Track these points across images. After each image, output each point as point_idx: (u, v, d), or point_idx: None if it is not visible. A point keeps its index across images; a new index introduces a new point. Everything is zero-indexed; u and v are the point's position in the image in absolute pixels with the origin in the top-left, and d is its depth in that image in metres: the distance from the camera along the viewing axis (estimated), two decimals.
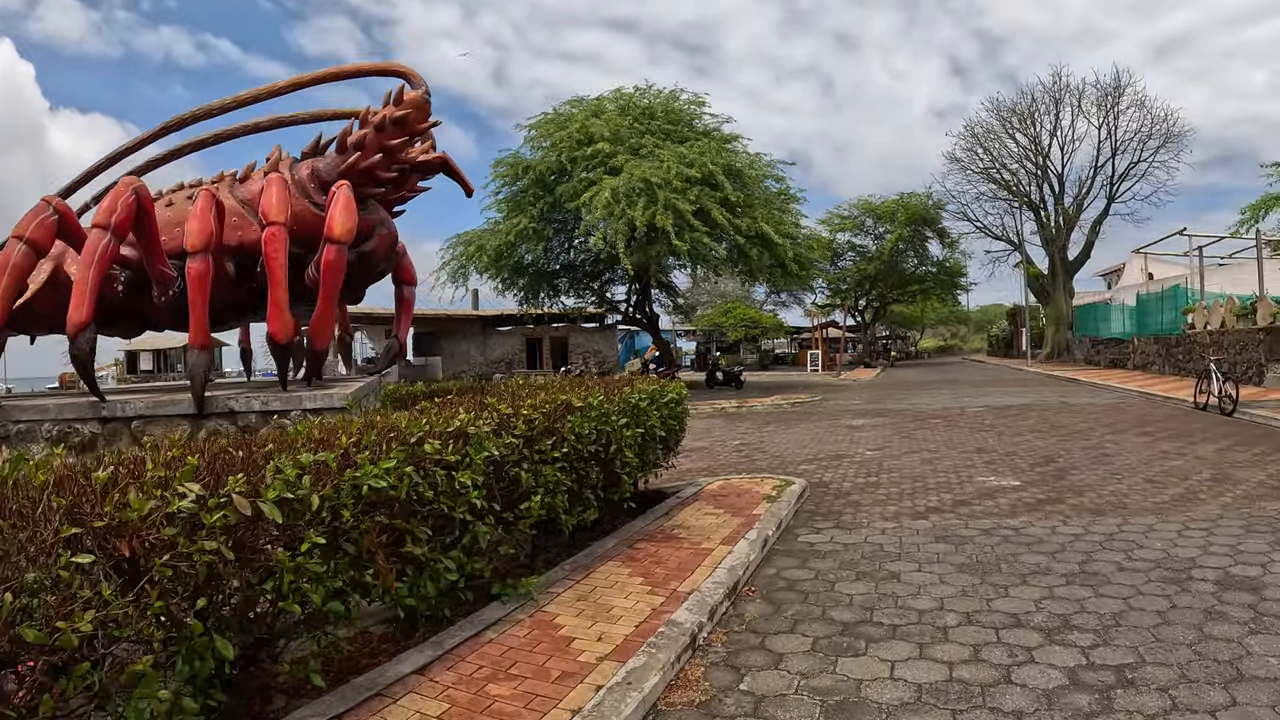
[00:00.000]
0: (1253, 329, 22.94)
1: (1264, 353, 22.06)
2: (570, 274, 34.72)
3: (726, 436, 15.36)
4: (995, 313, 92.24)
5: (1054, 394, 23.21)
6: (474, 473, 4.81)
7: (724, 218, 24.35)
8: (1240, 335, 23.57)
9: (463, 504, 4.74)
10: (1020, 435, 13.79)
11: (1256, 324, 23.06)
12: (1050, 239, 47.86)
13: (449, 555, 4.81)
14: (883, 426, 15.86)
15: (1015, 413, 17.82)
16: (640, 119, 28.61)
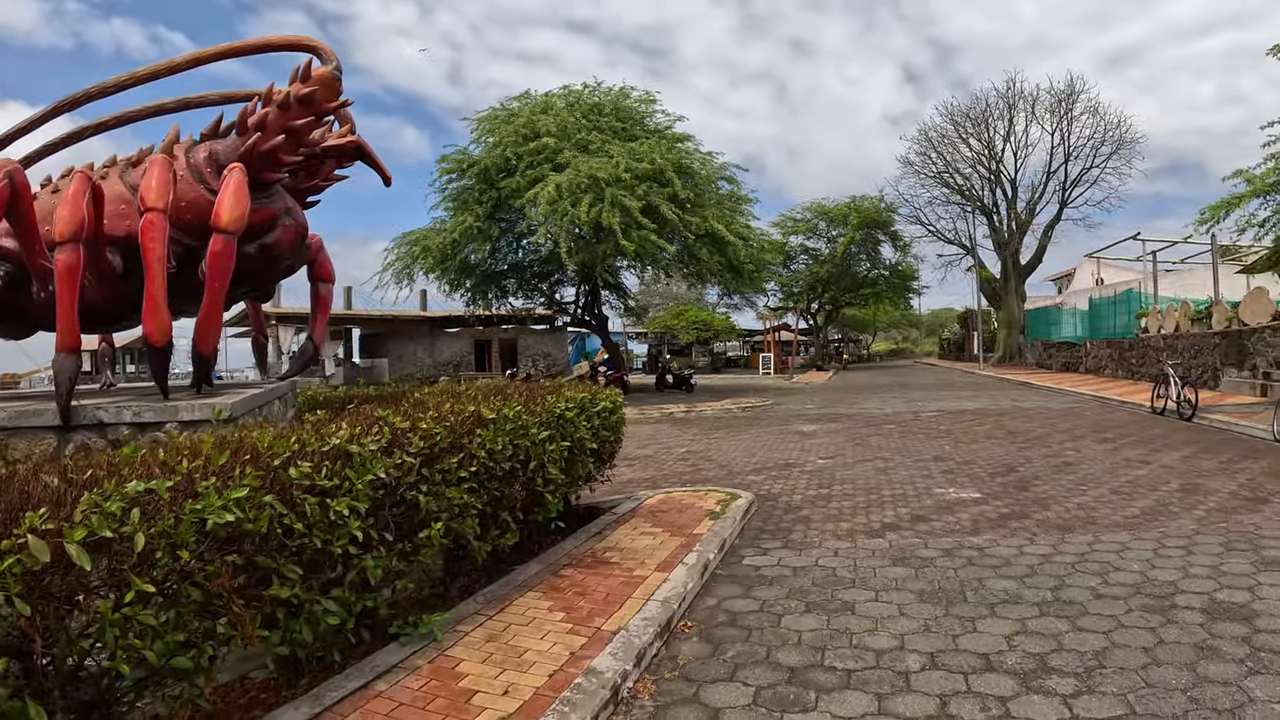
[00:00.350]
0: (1208, 333, 22.74)
1: (1219, 357, 21.86)
2: (518, 275, 33.81)
3: (673, 443, 14.65)
4: (946, 316, 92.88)
5: (1008, 398, 22.83)
6: (355, 500, 4.04)
7: (673, 214, 23.62)
8: (1195, 340, 23.37)
9: (342, 536, 3.96)
10: (977, 442, 13.23)
11: (1211, 329, 22.87)
12: (1003, 243, 47.92)
13: (330, 595, 4.05)
14: (835, 433, 15.25)
15: (970, 418, 17.33)
16: (589, 115, 27.83)
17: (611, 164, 23.68)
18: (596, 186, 23.16)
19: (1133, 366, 27.89)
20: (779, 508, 8.54)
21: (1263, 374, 19.83)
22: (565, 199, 22.87)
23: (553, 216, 22.91)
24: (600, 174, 23.21)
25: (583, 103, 28.40)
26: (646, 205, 23.47)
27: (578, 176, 23.32)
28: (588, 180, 23.28)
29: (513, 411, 5.75)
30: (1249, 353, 20.78)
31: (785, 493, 9.35)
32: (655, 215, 23.59)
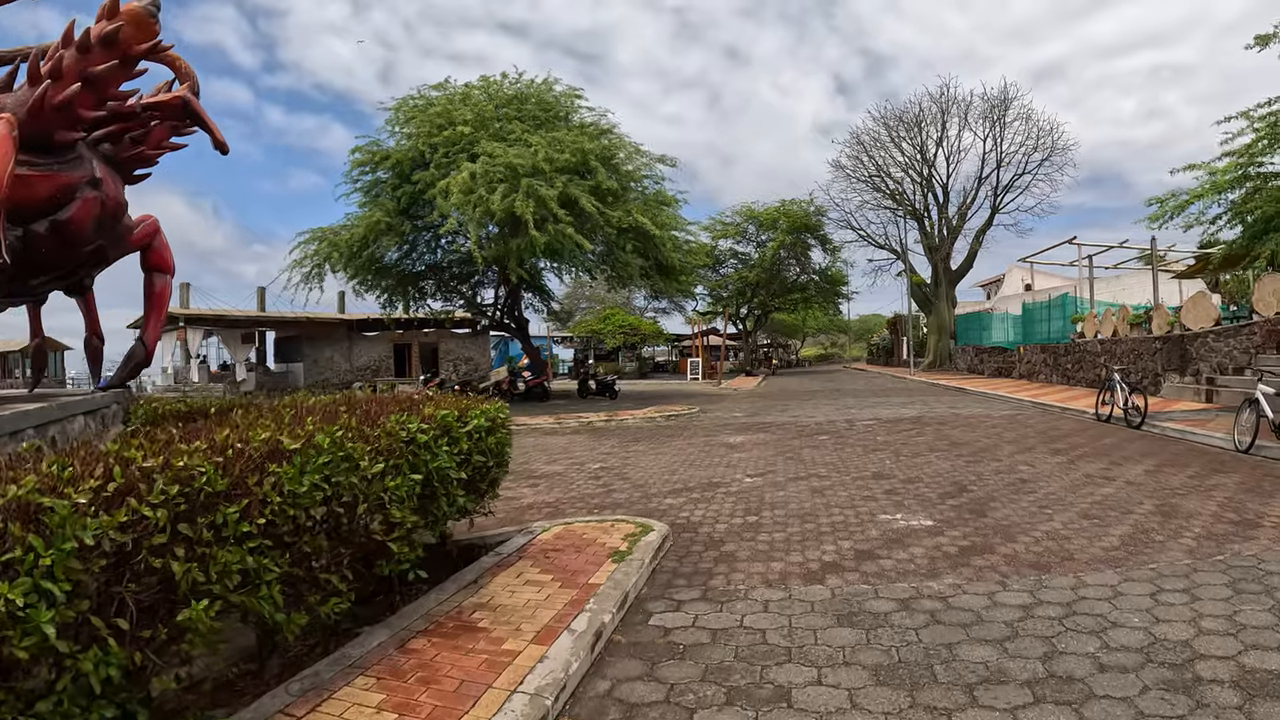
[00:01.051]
0: (1148, 338, 22.05)
1: (1160, 362, 21.14)
2: (437, 276, 32.11)
3: (587, 457, 13.21)
4: (875, 322, 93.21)
5: (943, 404, 21.85)
6: (52, 578, 2.56)
7: (593, 206, 22.15)
8: (1135, 344, 22.67)
9: (30, 636, 2.48)
10: (920, 455, 12.01)
11: (1151, 333, 22.18)
12: (934, 248, 47.40)
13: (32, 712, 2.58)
14: (765, 445, 13.93)
15: (909, 427, 16.19)
16: (510, 105, 26.29)
17: (529, 153, 22.20)
18: (513, 176, 21.68)
19: (1068, 371, 27.22)
20: (699, 542, 7.15)
21: (1206, 379, 19.11)
22: (479, 188, 21.35)
23: (465, 206, 21.35)
24: (518, 162, 21.73)
25: (502, 93, 26.85)
26: (565, 198, 22.03)
27: (493, 165, 21.82)
28: (504, 169, 21.78)
29: (330, 439, 4.24)
30: (1191, 358, 20.07)
31: (707, 521, 7.96)
32: (574, 209, 22.18)
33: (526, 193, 21.24)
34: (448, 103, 25.78)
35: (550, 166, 22.26)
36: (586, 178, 22.93)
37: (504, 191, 21.27)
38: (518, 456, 13.52)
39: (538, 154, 22.11)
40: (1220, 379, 18.63)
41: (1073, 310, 29.02)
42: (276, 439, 4.06)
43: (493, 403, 6.67)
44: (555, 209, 21.38)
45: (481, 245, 22.15)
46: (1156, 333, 21.93)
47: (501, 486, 10.41)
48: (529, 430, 18.23)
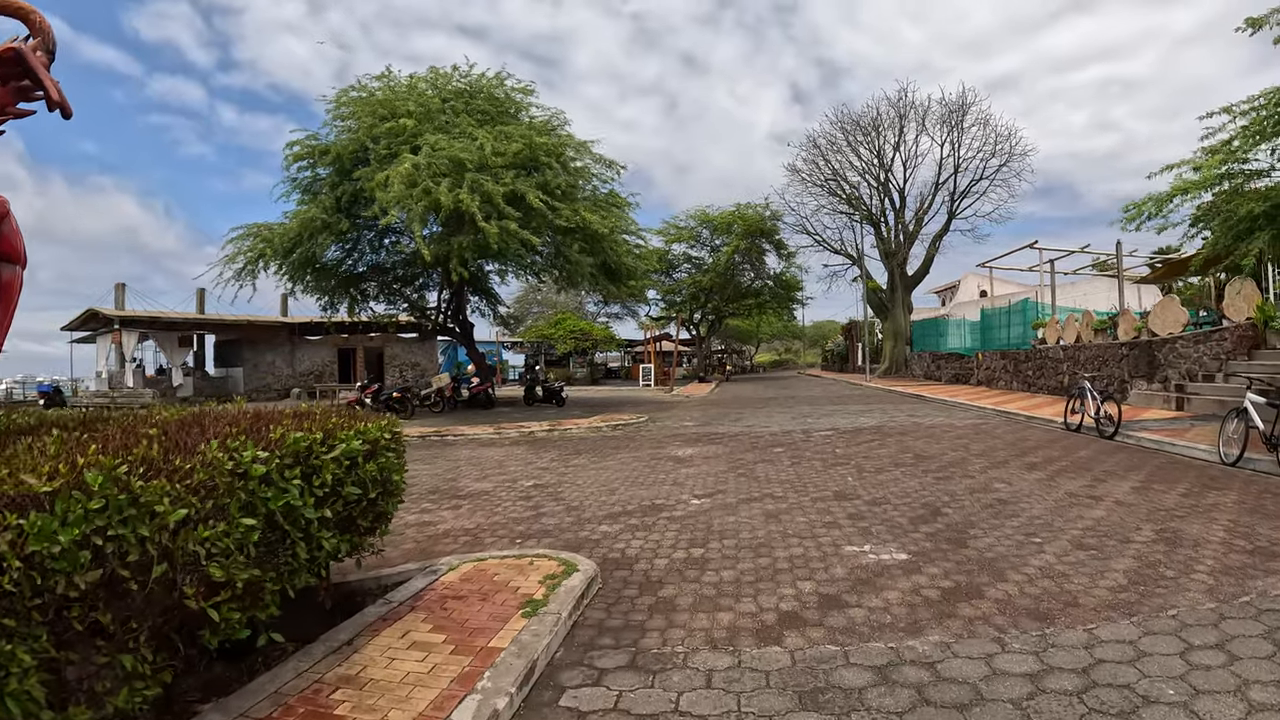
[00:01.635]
0: (1114, 344, 21.34)
1: (1127, 369, 20.42)
2: (380, 278, 30.66)
3: (521, 473, 12.01)
4: (829, 328, 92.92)
5: (903, 413, 20.94)
6: None
7: (540, 202, 20.95)
8: (1100, 351, 21.96)
9: None
10: (884, 471, 10.98)
11: (1118, 339, 21.47)
12: (890, 253, 46.72)
13: None
14: (715, 458, 12.83)
15: (869, 437, 15.21)
16: (458, 99, 25.00)
17: (475, 146, 20.99)
18: (458, 170, 20.45)
19: (1029, 379, 26.52)
20: (633, 583, 6.02)
21: (1175, 386, 18.39)
22: (421, 182, 20.09)
23: (406, 200, 20.07)
24: (463, 155, 20.51)
25: (451, 87, 25.52)
26: (512, 194, 20.85)
27: (436, 158, 20.57)
28: (448, 163, 20.54)
29: (107, 476, 3.03)
30: (1160, 364, 19.37)
31: (645, 555, 6.82)
32: (521, 205, 21.00)
33: (472, 187, 20.03)
34: (390, 94, 24.47)
35: (500, 161, 21.08)
36: (534, 174, 21.74)
37: (449, 185, 20.04)
38: (445, 473, 12.37)
39: (484, 148, 20.90)
40: (1190, 386, 17.94)
41: (1034, 316, 28.37)
42: (20, 478, 2.87)
43: (380, 420, 5.50)
44: (502, 205, 20.19)
45: (422, 239, 20.87)
46: (1123, 338, 21.24)
47: (421, 509, 9.33)
48: (465, 441, 17.01)
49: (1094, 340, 22.80)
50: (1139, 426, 14.71)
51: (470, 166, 20.57)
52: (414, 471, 12.33)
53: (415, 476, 11.89)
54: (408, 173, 20.03)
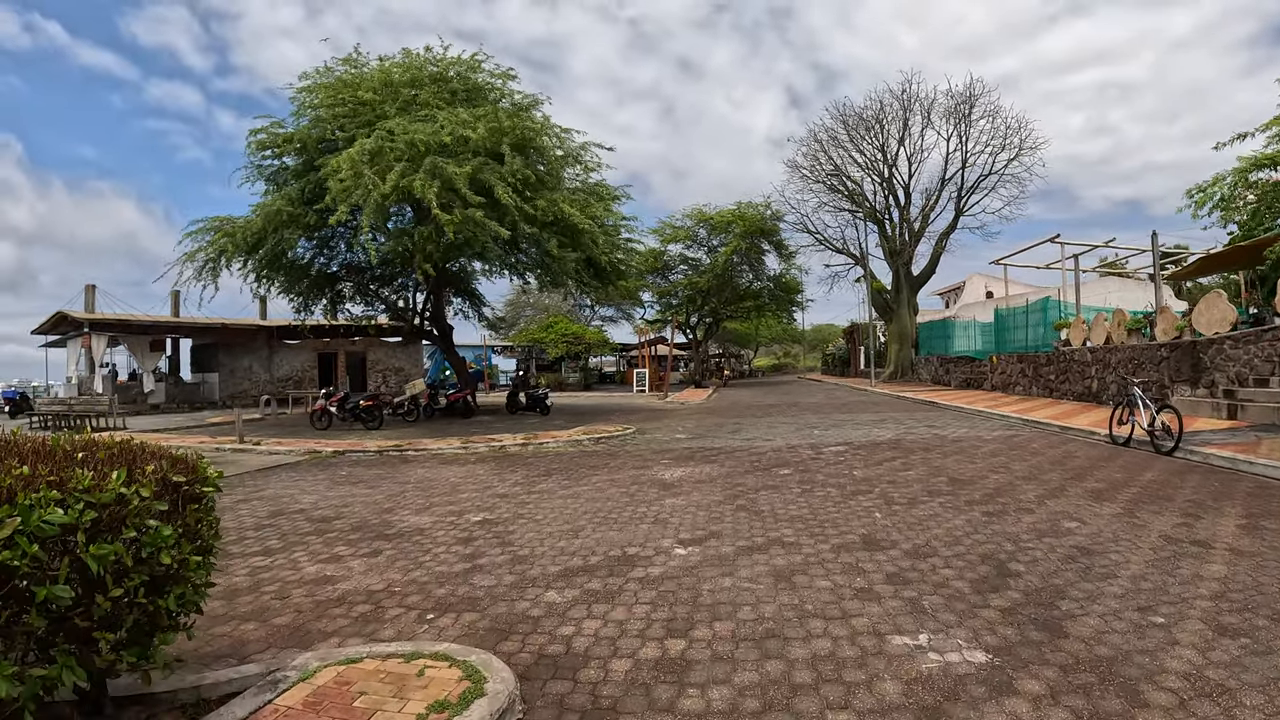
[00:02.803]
0: (1151, 345, 19.25)
1: (1167, 373, 18.33)
2: (357, 277, 28.55)
3: (473, 503, 9.88)
4: (829, 332, 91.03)
5: (919, 422, 18.85)
6: None
7: (510, 198, 18.82)
8: (1135, 353, 19.87)
9: None
10: (918, 502, 8.87)
11: (1155, 339, 19.38)
12: (895, 251, 44.46)
13: None
14: (709, 483, 10.68)
15: (890, 454, 13.11)
16: (432, 84, 22.80)
17: (435, 128, 18.88)
18: (416, 154, 18.37)
19: (1051, 383, 24.42)
20: (573, 708, 3.92)
21: (1224, 392, 16.34)
22: (374, 165, 18.04)
23: (354, 189, 18.00)
24: (420, 139, 18.41)
25: (424, 71, 23.29)
26: (479, 182, 18.76)
27: (390, 141, 18.50)
28: (404, 146, 18.45)
29: None
30: (1205, 367, 17.28)
31: (597, 650, 4.67)
32: (490, 197, 18.91)
33: (430, 172, 17.93)
34: (356, 76, 22.39)
35: (465, 146, 18.99)
36: (505, 161, 19.58)
37: (403, 171, 17.95)
38: (384, 501, 10.27)
39: (444, 129, 18.79)
40: (1242, 392, 15.87)
41: (1055, 315, 26.23)
42: None
43: (153, 464, 3.41)
44: (465, 191, 18.07)
45: (379, 237, 18.81)
46: (1161, 339, 19.15)
47: (332, 554, 7.25)
48: (426, 458, 14.92)
49: (1127, 341, 20.72)
50: (1198, 440, 12.68)
51: (427, 149, 18.48)
52: (348, 499, 10.33)
53: (348, 505, 9.89)
54: (353, 159, 17.98)
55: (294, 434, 20.75)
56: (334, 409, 22.84)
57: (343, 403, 22.95)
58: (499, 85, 24.01)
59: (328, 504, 10.14)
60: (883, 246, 45.69)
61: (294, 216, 21.35)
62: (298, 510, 9.79)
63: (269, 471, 13.84)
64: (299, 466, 14.46)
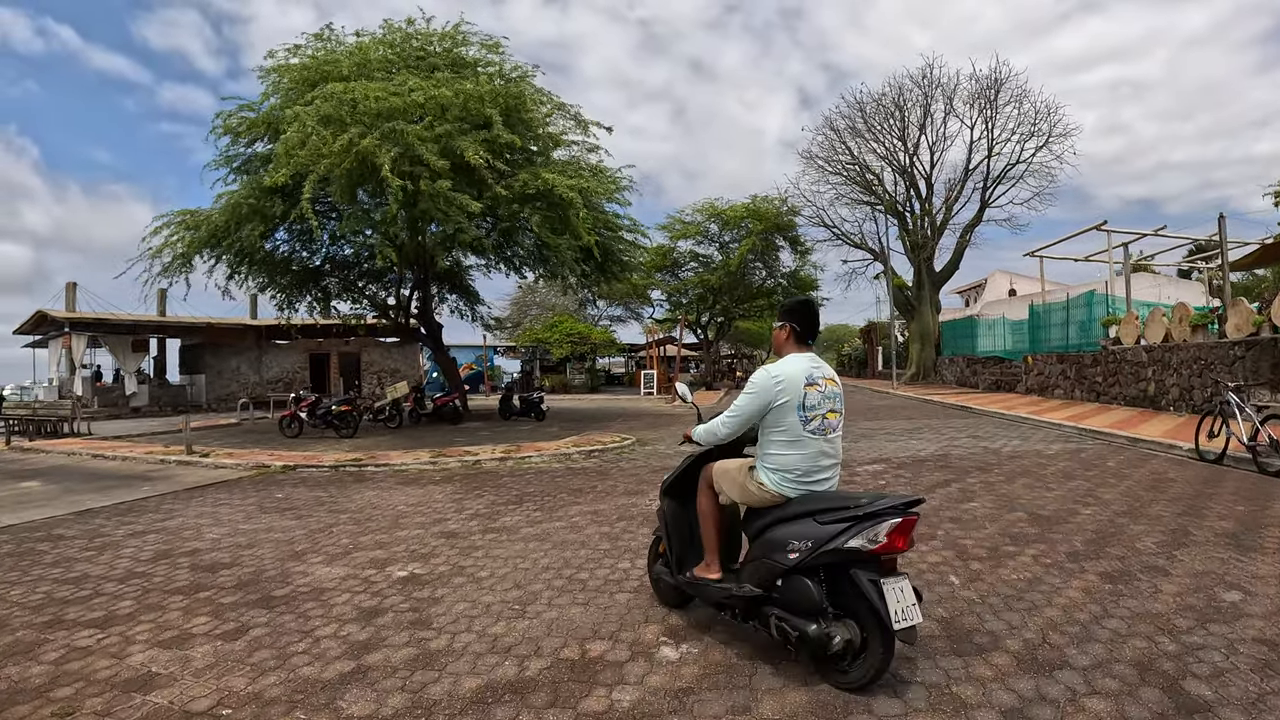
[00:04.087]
0: (1220, 343, 16.88)
1: (1242, 374, 15.93)
2: (342, 273, 26.37)
3: (408, 547, 7.55)
4: (843, 332, 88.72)
5: (959, 432, 16.52)
6: None
7: (481, 159, 16.29)
8: (1200, 352, 17.50)
9: None
10: (1002, 555, 6.51)
11: (1225, 337, 17.00)
12: (918, 245, 41.84)
13: None
14: None
15: (938, 475, 10.77)
16: (410, 54, 20.44)
17: (403, 90, 16.60)
18: (374, 118, 16.13)
19: (1098, 386, 22.02)
20: None
21: None
22: (325, 129, 15.85)
23: (301, 154, 15.80)
24: (380, 99, 16.15)
25: (409, 45, 20.88)
26: (449, 150, 16.43)
27: (338, 103, 16.27)
28: (355, 108, 16.23)
29: None
30: None
31: None
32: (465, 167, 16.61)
33: (388, 136, 15.65)
34: (329, 54, 20.07)
35: (441, 115, 16.72)
36: (490, 129, 17.19)
37: (357, 134, 15.71)
38: (301, 539, 7.86)
39: (413, 93, 16.52)
40: None
41: (1102, 311, 23.76)
42: None
43: None
44: (431, 159, 15.75)
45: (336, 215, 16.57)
46: (1234, 336, 16.78)
47: (183, 634, 5.03)
48: (384, 475, 12.67)
49: (1191, 339, 18.32)
50: None
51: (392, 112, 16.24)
52: (260, 537, 8.28)
53: (254, 547, 7.77)
54: (308, 119, 15.80)
55: (260, 442, 18.67)
56: (305, 415, 20.64)
57: (314, 408, 20.73)
58: (488, 58, 21.57)
59: (231, 543, 7.92)
60: (903, 240, 43.12)
61: (256, 209, 19.14)
62: (189, 552, 7.58)
63: (199, 492, 11.69)
64: (237, 485, 12.29)
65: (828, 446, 4.37)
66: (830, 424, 4.38)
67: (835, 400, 4.44)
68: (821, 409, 4.33)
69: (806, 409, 4.29)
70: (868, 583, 3.79)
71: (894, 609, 3.72)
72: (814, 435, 4.30)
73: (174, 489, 12.02)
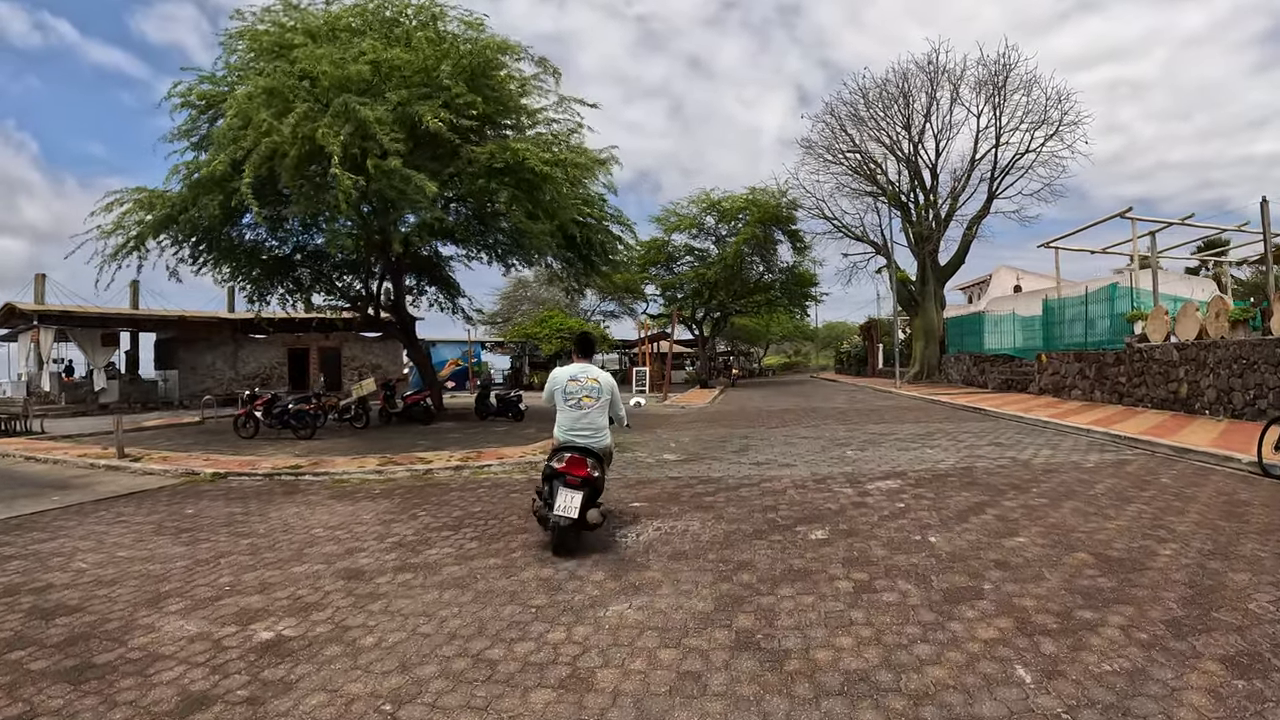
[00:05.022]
0: (1265, 341, 15.16)
1: None
2: (315, 264, 24.59)
3: (294, 594, 5.79)
4: (842, 329, 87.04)
5: (978, 438, 14.81)
6: None
7: (439, 123, 14.41)
8: (1240, 350, 15.77)
9: None
10: (1083, 630, 4.75)
11: (1270, 333, 15.32)
12: (923, 237, 39.94)
13: None
14: (692, 563, 6.48)
15: (968, 496, 9.02)
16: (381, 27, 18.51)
17: (354, 55, 14.82)
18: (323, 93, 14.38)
19: (1121, 388, 20.28)
20: None
21: None
22: (269, 108, 14.09)
23: (241, 138, 14.07)
24: (321, 68, 14.38)
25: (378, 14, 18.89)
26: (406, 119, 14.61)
27: (289, 78, 14.51)
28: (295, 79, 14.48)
29: None
30: None
31: None
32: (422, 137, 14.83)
33: (338, 114, 13.89)
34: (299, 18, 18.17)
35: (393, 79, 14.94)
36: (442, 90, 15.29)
37: (304, 114, 13.96)
38: (176, 576, 6.14)
39: (365, 56, 14.74)
40: None
41: (1126, 305, 21.99)
42: None
43: None
44: (383, 137, 13.93)
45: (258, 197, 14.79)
46: (1279, 333, 15.09)
47: None
48: (319, 488, 10.96)
49: (1230, 336, 16.61)
50: None
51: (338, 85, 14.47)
52: (133, 569, 6.89)
53: (116, 584, 6.25)
54: (239, 101, 14.07)
55: (209, 445, 17.09)
56: (260, 414, 18.92)
57: (270, 407, 18.99)
58: (468, 35, 19.63)
59: (93, 577, 6.35)
60: (906, 233, 41.25)
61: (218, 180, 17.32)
62: (38, 589, 6.06)
63: (106, 505, 10.14)
64: (152, 497, 10.68)
65: (578, 414, 7.25)
66: (585, 404, 7.25)
67: (590, 390, 7.30)
68: (578, 395, 7.26)
69: (567, 394, 7.28)
70: (555, 485, 6.88)
71: (559, 505, 6.70)
72: (570, 408, 7.25)
73: (84, 500, 10.49)
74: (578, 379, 7.31)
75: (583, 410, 7.19)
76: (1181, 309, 18.71)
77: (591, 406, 7.20)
